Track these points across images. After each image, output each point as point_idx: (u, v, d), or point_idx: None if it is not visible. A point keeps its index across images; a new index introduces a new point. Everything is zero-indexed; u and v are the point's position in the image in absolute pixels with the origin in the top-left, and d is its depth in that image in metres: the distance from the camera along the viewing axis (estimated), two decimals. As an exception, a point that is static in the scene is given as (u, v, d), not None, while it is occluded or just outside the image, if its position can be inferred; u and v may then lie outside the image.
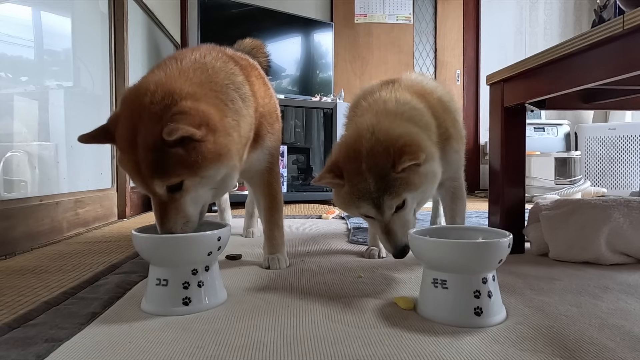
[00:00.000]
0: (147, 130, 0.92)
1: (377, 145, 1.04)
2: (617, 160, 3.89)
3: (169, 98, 0.94)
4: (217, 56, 1.15)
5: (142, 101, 0.94)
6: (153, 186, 0.95)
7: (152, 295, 0.96)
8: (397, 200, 1.04)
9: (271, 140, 1.31)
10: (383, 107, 1.16)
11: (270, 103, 1.33)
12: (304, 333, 0.84)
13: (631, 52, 0.98)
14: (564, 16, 4.86)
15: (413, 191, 1.05)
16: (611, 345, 0.78)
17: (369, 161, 1.03)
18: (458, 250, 0.88)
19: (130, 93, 0.98)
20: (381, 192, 1.03)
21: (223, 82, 1.08)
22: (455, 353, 0.75)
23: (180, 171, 0.94)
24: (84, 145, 2.19)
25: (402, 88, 1.24)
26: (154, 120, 0.92)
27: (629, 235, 1.38)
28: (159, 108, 0.93)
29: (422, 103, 1.20)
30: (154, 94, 0.94)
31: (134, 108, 0.95)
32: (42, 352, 0.74)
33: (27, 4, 1.82)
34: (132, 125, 0.93)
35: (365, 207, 1.06)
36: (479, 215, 2.61)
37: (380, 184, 1.03)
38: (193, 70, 1.05)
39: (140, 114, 0.93)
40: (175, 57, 1.10)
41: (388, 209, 1.05)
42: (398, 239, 1.07)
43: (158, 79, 0.99)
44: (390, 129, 1.07)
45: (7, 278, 1.26)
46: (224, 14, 3.69)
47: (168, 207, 0.97)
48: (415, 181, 1.05)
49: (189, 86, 0.99)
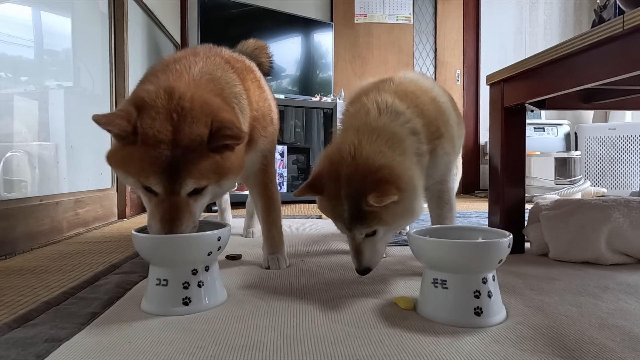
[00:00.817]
0: (192, 131, 0.92)
1: (356, 172, 1.02)
2: (617, 160, 3.89)
3: (209, 108, 0.97)
4: (216, 63, 1.15)
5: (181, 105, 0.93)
6: (181, 186, 0.93)
7: (152, 295, 0.96)
8: (368, 229, 1.05)
9: (264, 143, 1.32)
10: (365, 120, 1.12)
11: (264, 106, 1.32)
12: (304, 333, 0.84)
13: (631, 52, 0.98)
14: (564, 16, 4.86)
15: (384, 225, 1.05)
16: (611, 345, 0.78)
17: (346, 187, 1.02)
18: (458, 250, 0.88)
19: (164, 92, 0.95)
20: (354, 219, 1.03)
21: (229, 96, 1.12)
22: (455, 353, 0.75)
23: (211, 176, 0.96)
24: (84, 145, 2.20)
25: (392, 90, 1.20)
26: (199, 124, 0.93)
27: (629, 235, 1.38)
28: (202, 114, 0.94)
29: (407, 103, 1.16)
30: (193, 101, 0.95)
31: (171, 108, 0.93)
32: (42, 352, 0.74)
33: (27, 4, 1.82)
34: (172, 124, 0.92)
35: (340, 225, 1.09)
36: (479, 215, 2.61)
37: (353, 212, 1.02)
38: (205, 81, 1.07)
39: (182, 115, 0.93)
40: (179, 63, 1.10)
41: (358, 234, 1.06)
42: (364, 259, 1.08)
43: (184, 85, 1.00)
44: (371, 158, 1.03)
45: (7, 278, 1.26)
46: (224, 14, 3.69)
47: (182, 210, 0.95)
48: (388, 218, 1.03)
49: (216, 98, 1.03)
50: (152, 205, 0.96)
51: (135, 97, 0.96)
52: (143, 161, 0.91)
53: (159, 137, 0.91)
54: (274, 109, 1.42)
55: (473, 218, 2.53)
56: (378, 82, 1.28)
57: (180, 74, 1.06)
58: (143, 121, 0.92)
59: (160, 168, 0.91)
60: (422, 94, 1.22)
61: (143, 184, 0.94)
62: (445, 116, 1.25)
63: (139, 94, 0.97)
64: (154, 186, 0.93)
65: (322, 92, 4.08)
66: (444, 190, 1.35)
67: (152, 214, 0.96)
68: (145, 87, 0.99)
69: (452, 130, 1.27)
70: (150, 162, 0.91)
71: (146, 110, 0.93)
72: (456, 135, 1.33)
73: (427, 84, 1.31)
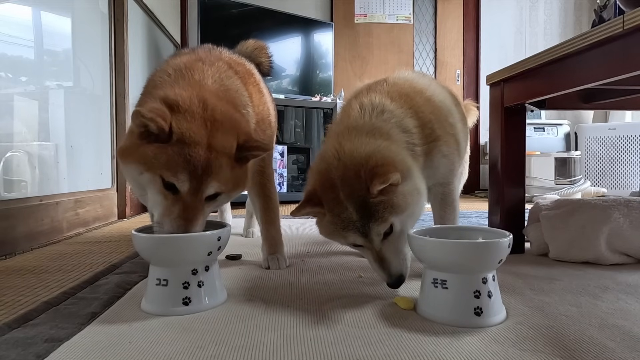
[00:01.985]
0: (223, 139, 0.98)
1: (347, 170, 0.97)
2: (617, 160, 3.89)
3: (236, 122, 1.04)
4: (221, 69, 1.18)
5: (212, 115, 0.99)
6: (206, 187, 0.96)
7: (152, 295, 0.96)
8: (384, 225, 0.96)
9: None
10: (346, 123, 1.09)
11: (264, 110, 1.33)
12: (304, 333, 0.84)
13: (631, 52, 0.98)
14: (564, 16, 4.86)
15: (399, 213, 0.97)
16: (611, 345, 0.78)
17: (344, 189, 0.96)
18: (458, 250, 0.88)
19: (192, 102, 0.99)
20: (366, 220, 0.96)
21: (239, 104, 1.17)
22: (455, 353, 0.75)
23: (230, 185, 1.02)
24: (84, 145, 2.20)
25: (384, 91, 1.16)
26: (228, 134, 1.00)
27: (629, 235, 1.38)
28: (230, 126, 1.01)
29: (399, 103, 1.12)
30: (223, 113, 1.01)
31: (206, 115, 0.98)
32: (42, 352, 0.74)
33: (27, 4, 1.82)
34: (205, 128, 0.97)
35: (352, 236, 0.99)
36: (479, 215, 2.61)
37: (363, 212, 0.95)
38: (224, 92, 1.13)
39: (216, 123, 0.98)
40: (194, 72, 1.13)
41: (376, 236, 0.97)
42: (393, 267, 0.98)
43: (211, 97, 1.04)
44: (355, 151, 0.99)
45: (7, 278, 1.26)
46: (224, 14, 3.69)
47: (199, 211, 0.97)
48: (400, 202, 0.96)
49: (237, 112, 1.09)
50: (167, 203, 0.96)
51: (166, 99, 0.98)
52: (174, 158, 0.93)
53: (196, 138, 0.94)
54: (272, 112, 1.43)
55: (473, 218, 2.53)
56: (372, 84, 1.25)
57: (199, 83, 1.10)
58: (179, 122, 0.95)
59: (191, 167, 0.94)
60: (417, 95, 1.17)
61: (167, 180, 0.94)
62: (442, 116, 1.19)
63: (171, 96, 0.99)
64: (180, 183, 0.94)
65: (322, 92, 4.08)
66: (447, 192, 1.29)
67: (167, 211, 0.95)
68: (174, 91, 1.02)
69: (452, 129, 1.22)
70: (184, 159, 0.93)
71: (181, 113, 0.97)
72: (460, 132, 1.27)
73: (422, 83, 1.25)
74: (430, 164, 1.15)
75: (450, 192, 1.30)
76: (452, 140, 1.21)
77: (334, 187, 0.98)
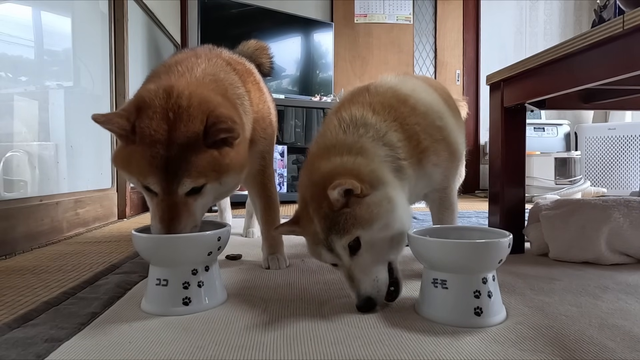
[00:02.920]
0: (187, 128, 0.92)
1: (314, 188, 0.96)
2: (617, 160, 3.89)
3: (206, 104, 0.96)
4: (217, 64, 1.16)
5: (178, 103, 0.94)
6: (177, 185, 0.93)
7: (152, 295, 0.96)
8: (347, 238, 0.91)
9: (263, 145, 1.33)
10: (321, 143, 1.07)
11: (264, 109, 1.33)
12: (304, 333, 0.84)
13: (631, 52, 0.98)
14: (564, 16, 4.86)
15: (366, 227, 0.91)
16: (611, 345, 0.78)
17: (312, 205, 0.96)
18: (458, 250, 0.88)
19: (163, 92, 0.95)
20: (328, 232, 0.93)
21: (232, 97, 1.11)
22: (455, 353, 0.75)
23: (209, 173, 0.95)
24: (84, 145, 2.20)
25: (366, 102, 1.12)
26: (195, 120, 0.93)
27: (629, 235, 1.38)
28: (199, 111, 0.94)
29: (381, 116, 1.08)
30: (191, 98, 0.95)
31: (168, 107, 0.93)
32: (42, 352, 0.74)
33: (27, 4, 1.82)
34: (167, 122, 0.92)
35: (322, 251, 0.96)
36: (479, 215, 2.61)
37: (325, 224, 0.93)
38: (209, 82, 1.07)
39: (178, 113, 0.93)
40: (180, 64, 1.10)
41: (342, 250, 0.93)
42: (362, 287, 0.93)
43: (189, 87, 0.99)
44: (321, 168, 0.98)
45: (7, 278, 1.26)
46: (224, 14, 3.69)
47: (180, 209, 0.95)
48: (364, 214, 0.91)
49: (217, 96, 1.02)
50: (153, 205, 0.97)
51: (136, 97, 0.97)
52: (141, 161, 0.92)
53: (155, 136, 0.91)
54: (272, 111, 1.43)
55: (473, 218, 2.53)
56: (355, 93, 1.20)
57: (182, 74, 1.06)
58: (141, 121, 0.92)
59: (156, 168, 0.91)
60: (400, 105, 1.12)
61: (142, 184, 0.95)
62: (429, 123, 1.14)
63: (140, 93, 0.97)
64: (152, 186, 0.94)
65: (322, 92, 4.08)
66: (444, 197, 1.27)
67: (153, 213, 0.97)
68: (146, 86, 1.00)
69: (442, 132, 1.16)
70: (148, 161, 0.91)
71: (145, 109, 0.93)
72: (454, 131, 1.23)
73: (406, 90, 1.18)
74: (422, 173, 1.13)
75: (448, 196, 1.28)
76: (443, 147, 1.16)
77: (306, 206, 0.98)
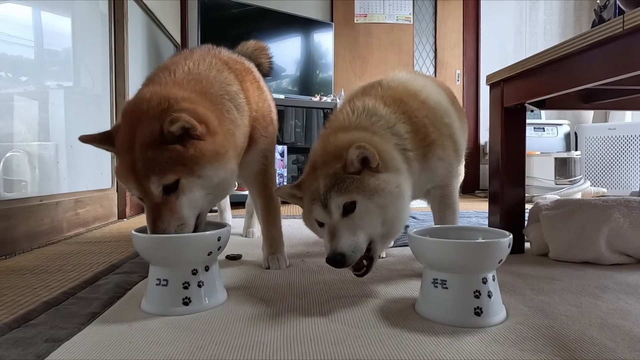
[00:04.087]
0: (144, 129, 0.95)
1: (328, 154, 1.01)
2: (617, 160, 3.89)
3: (166, 102, 0.97)
4: (211, 64, 1.16)
5: (139, 108, 0.98)
6: (149, 185, 0.94)
7: (152, 295, 0.96)
8: (345, 197, 0.95)
9: (264, 143, 1.33)
10: (336, 124, 1.12)
11: (264, 107, 1.33)
12: (304, 333, 0.84)
13: (631, 52, 0.98)
14: (564, 16, 4.86)
15: (366, 195, 0.95)
16: (611, 345, 0.78)
17: (322, 168, 1.00)
18: (458, 250, 0.88)
19: (129, 104, 1.02)
20: (328, 189, 0.97)
21: (218, 92, 1.12)
22: (455, 353, 0.75)
23: (177, 168, 0.94)
24: (84, 145, 2.19)
25: (378, 95, 1.16)
26: (152, 120, 0.95)
27: (629, 235, 1.38)
28: (157, 110, 0.96)
29: (391, 108, 1.12)
30: (151, 101, 0.98)
31: (132, 115, 0.98)
32: (42, 352, 0.75)
33: (27, 4, 1.82)
34: (130, 129, 0.96)
35: (316, 209, 0.99)
36: (479, 215, 2.61)
37: (329, 181, 0.97)
38: (187, 81, 1.09)
39: (139, 118, 0.96)
40: (167, 69, 1.12)
41: (335, 207, 0.96)
42: (340, 242, 0.94)
43: (153, 89, 1.03)
44: (339, 139, 1.03)
45: (7, 278, 1.26)
46: (224, 14, 3.69)
47: (162, 209, 0.95)
48: (370, 185, 0.95)
49: (185, 93, 1.04)
50: (145, 209, 1.00)
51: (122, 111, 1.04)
52: (120, 170, 0.99)
53: (124, 144, 0.97)
54: (273, 110, 1.43)
55: (473, 218, 2.53)
56: (366, 87, 1.24)
57: (162, 78, 1.09)
58: (117, 133, 1.00)
59: (131, 173, 0.95)
60: (411, 99, 1.17)
61: (130, 191, 1.00)
62: (437, 118, 1.18)
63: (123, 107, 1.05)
64: (132, 191, 0.98)
65: (322, 92, 4.08)
66: (446, 195, 1.28)
67: (145, 217, 1.00)
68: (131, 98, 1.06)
69: (448, 129, 1.21)
70: (124, 169, 0.97)
71: (119, 123, 1.01)
72: (457, 131, 1.26)
73: (417, 85, 1.23)
74: (427, 167, 1.15)
75: (450, 194, 1.29)
76: (449, 142, 1.20)
77: (315, 169, 1.03)
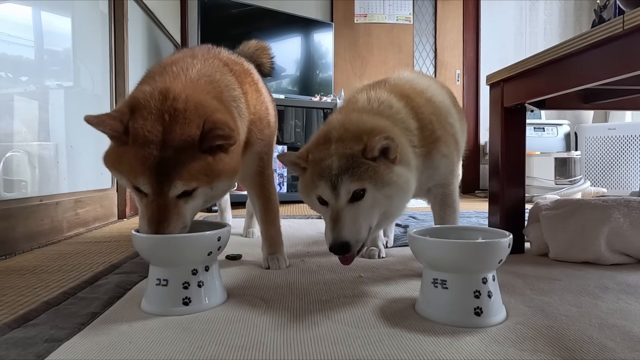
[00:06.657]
0: (182, 131, 0.92)
1: (348, 133, 0.99)
2: (617, 160, 3.89)
3: (202, 109, 0.96)
4: (214, 65, 1.15)
5: (175, 106, 0.94)
6: (169, 187, 0.92)
7: (152, 295, 0.96)
8: (357, 184, 0.94)
9: (261, 146, 1.32)
10: (352, 107, 1.12)
11: (262, 109, 1.32)
12: (304, 333, 0.84)
13: (631, 52, 0.98)
14: (564, 16, 4.86)
15: (378, 186, 0.95)
16: (611, 345, 0.78)
17: (338, 145, 0.98)
18: (458, 250, 0.88)
19: (155, 97, 0.95)
20: (341, 171, 0.94)
21: (227, 99, 1.11)
22: (455, 353, 0.75)
23: (201, 177, 0.94)
24: (84, 145, 2.20)
25: (385, 88, 1.18)
26: (191, 123, 0.93)
27: (629, 235, 1.38)
28: (195, 115, 0.94)
29: (402, 103, 1.13)
30: (187, 102, 0.95)
31: (164, 110, 0.93)
32: (42, 352, 0.74)
33: (27, 4, 1.82)
34: (162, 124, 0.92)
35: (322, 186, 0.97)
36: (479, 215, 2.61)
37: (343, 164, 0.95)
38: (204, 83, 1.07)
39: (174, 116, 0.93)
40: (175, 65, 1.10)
41: (344, 192, 0.94)
42: (344, 231, 0.93)
43: (180, 86, 0.99)
44: (361, 121, 1.02)
45: (7, 278, 1.26)
46: (224, 14, 3.69)
47: (170, 211, 0.94)
48: (385, 175, 0.95)
49: (212, 100, 1.01)
50: (142, 205, 0.96)
51: (130, 98, 0.97)
52: (133, 161, 0.92)
53: (149, 137, 0.91)
54: (271, 112, 1.42)
55: (473, 218, 2.53)
56: (372, 84, 1.26)
57: (177, 75, 1.06)
58: (135, 121, 0.92)
59: (148, 169, 0.91)
60: (417, 96, 1.18)
61: (132, 184, 0.94)
62: (442, 116, 1.20)
63: (135, 94, 0.98)
64: (142, 186, 0.93)
65: (322, 92, 4.08)
66: (447, 194, 1.29)
67: (141, 213, 0.97)
68: (142, 88, 0.99)
69: (451, 129, 1.23)
70: (140, 162, 0.91)
71: (139, 110, 0.93)
72: (459, 131, 1.29)
73: (422, 84, 1.26)
74: (430, 164, 1.16)
75: (451, 194, 1.30)
76: (452, 141, 1.22)
77: (328, 142, 1.00)
